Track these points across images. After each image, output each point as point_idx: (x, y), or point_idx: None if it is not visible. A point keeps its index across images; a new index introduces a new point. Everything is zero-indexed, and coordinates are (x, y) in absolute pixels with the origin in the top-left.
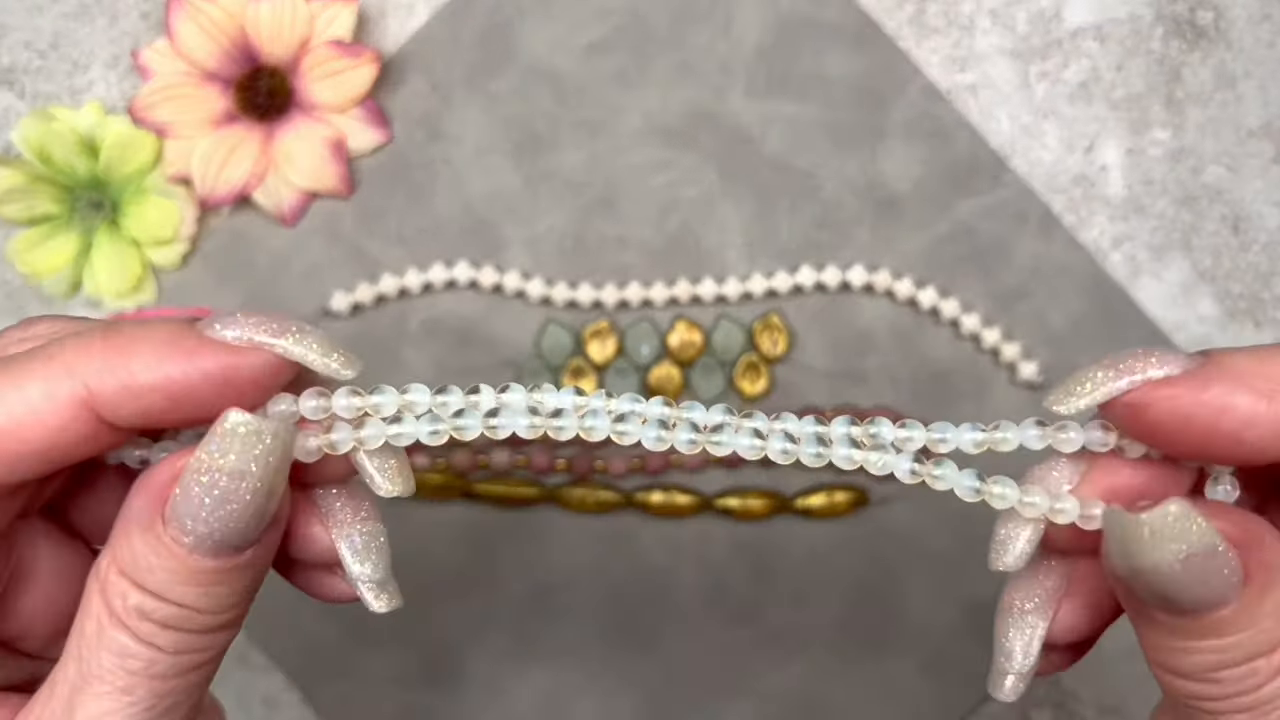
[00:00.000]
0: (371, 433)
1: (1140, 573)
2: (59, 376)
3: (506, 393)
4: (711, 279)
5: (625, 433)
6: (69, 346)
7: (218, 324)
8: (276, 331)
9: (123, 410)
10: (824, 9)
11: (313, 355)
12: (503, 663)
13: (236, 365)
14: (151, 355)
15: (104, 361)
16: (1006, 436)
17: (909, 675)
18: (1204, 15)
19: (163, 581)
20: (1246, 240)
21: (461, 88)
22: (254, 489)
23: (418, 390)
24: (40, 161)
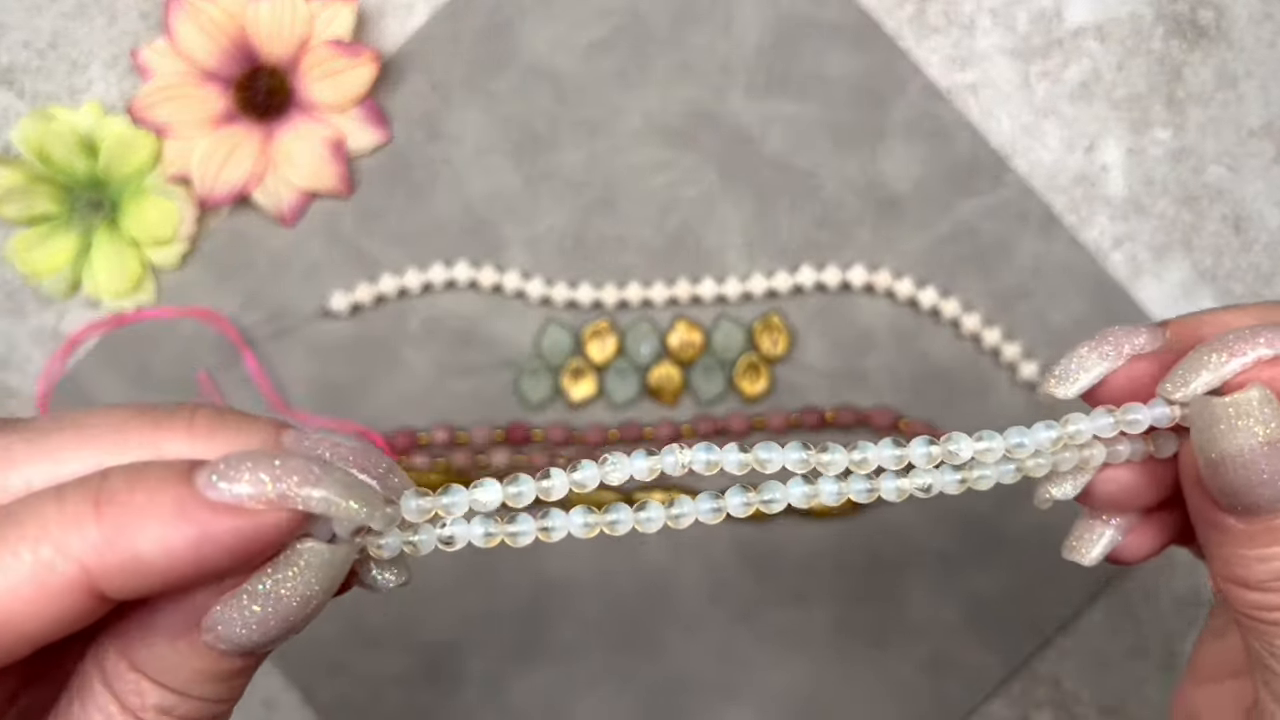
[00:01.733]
0: (425, 539)
1: (1221, 460)
2: (50, 560)
3: (579, 472)
4: (711, 279)
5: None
6: (54, 522)
7: (222, 480)
8: (294, 481)
9: (127, 588)
10: (824, 9)
11: (335, 508)
12: (503, 663)
13: (256, 530)
14: (157, 529)
15: (100, 539)
16: (1080, 429)
17: (909, 675)
18: (1205, 15)
19: (187, 680)
20: (1247, 240)
21: (461, 87)
22: (316, 607)
23: (488, 486)
24: (39, 161)
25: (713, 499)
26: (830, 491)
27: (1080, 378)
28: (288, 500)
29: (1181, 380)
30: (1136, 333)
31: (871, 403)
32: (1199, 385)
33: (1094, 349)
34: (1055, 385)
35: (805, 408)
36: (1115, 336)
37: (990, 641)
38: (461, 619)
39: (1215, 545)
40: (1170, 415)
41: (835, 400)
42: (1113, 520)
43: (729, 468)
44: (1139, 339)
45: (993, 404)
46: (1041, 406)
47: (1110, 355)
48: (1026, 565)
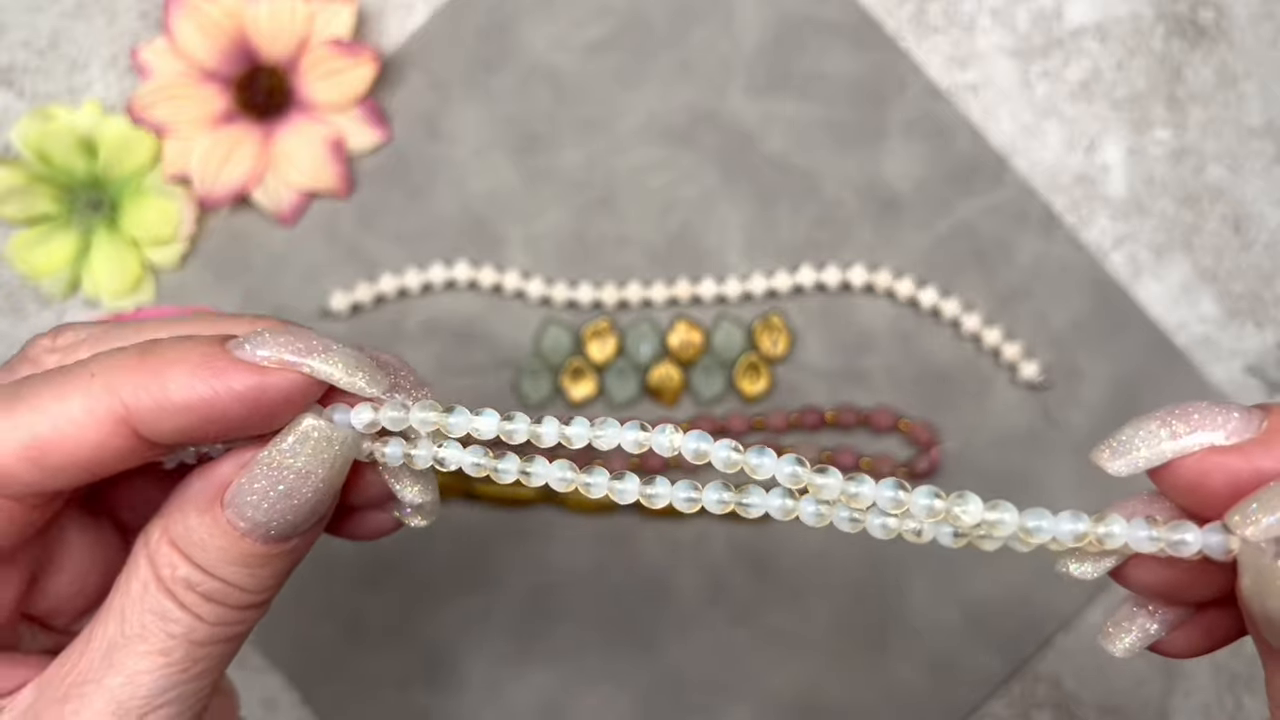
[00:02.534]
0: (420, 453)
1: (1272, 620)
2: (99, 393)
3: (571, 426)
4: (711, 279)
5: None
6: (107, 364)
7: (248, 344)
8: (304, 351)
9: (159, 427)
10: (824, 8)
11: (338, 374)
12: (502, 663)
13: (265, 385)
14: (185, 375)
15: (140, 380)
16: (1113, 531)
17: (909, 675)
18: (1205, 14)
19: (213, 559)
20: (1248, 240)
21: (461, 86)
22: (316, 489)
23: (487, 416)
24: (39, 161)
25: (690, 488)
26: (810, 513)
27: (1138, 458)
28: (299, 365)
29: (1253, 517)
30: (1225, 415)
31: (871, 403)
32: (1269, 529)
33: (1165, 423)
34: (1108, 458)
35: (805, 408)
36: (1196, 416)
37: (990, 641)
38: (461, 619)
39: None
40: (1226, 547)
41: (835, 400)
42: (1159, 613)
43: (716, 463)
44: (1225, 425)
45: (993, 404)
46: (1040, 409)
47: (1182, 436)
48: (1026, 565)
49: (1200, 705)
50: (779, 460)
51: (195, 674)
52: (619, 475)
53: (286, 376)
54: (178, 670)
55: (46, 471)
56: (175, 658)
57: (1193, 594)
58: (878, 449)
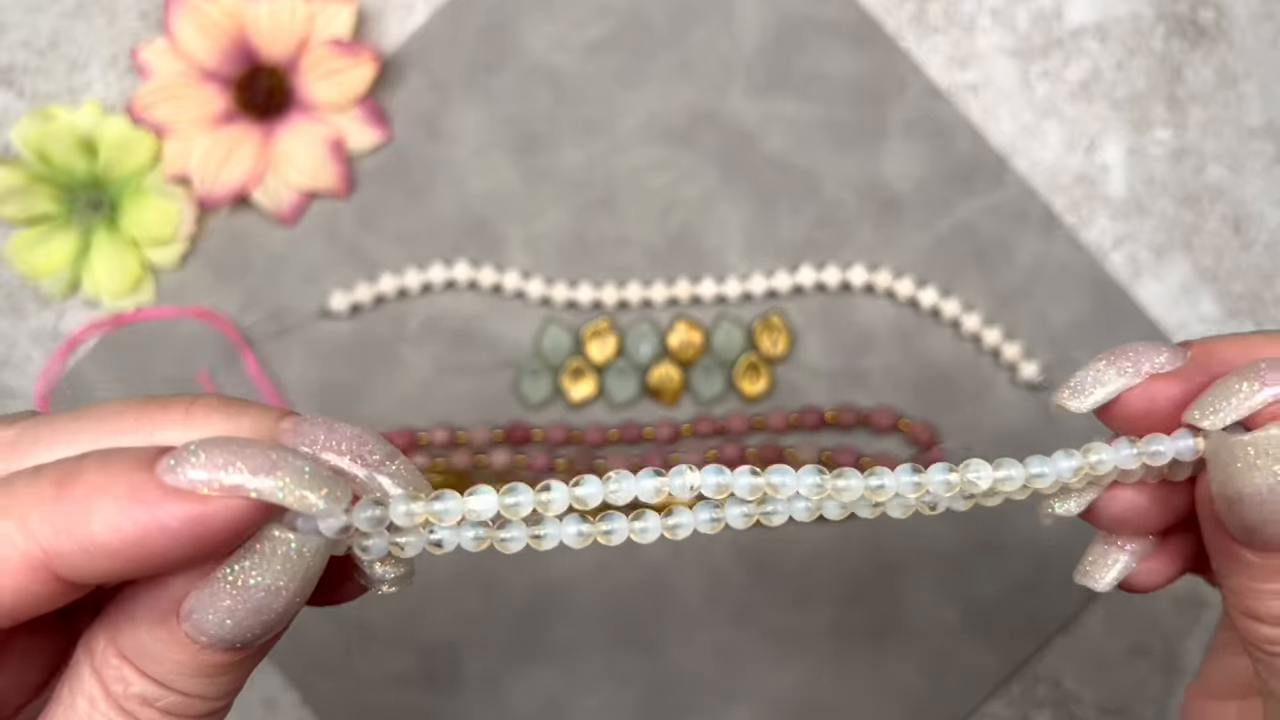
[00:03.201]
0: (410, 540)
1: (1239, 498)
2: (10, 533)
3: (581, 487)
4: (711, 279)
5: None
6: (19, 496)
7: (180, 466)
8: (246, 469)
9: (83, 571)
10: (824, 8)
11: (289, 497)
12: (503, 663)
13: (204, 517)
14: (110, 511)
15: (59, 520)
16: (1102, 459)
17: (909, 675)
18: (1205, 14)
19: (169, 672)
20: (1248, 240)
21: (461, 86)
22: (287, 602)
23: (483, 495)
24: (39, 161)
25: (711, 509)
26: (833, 508)
27: (1095, 392)
28: (239, 489)
29: (1210, 408)
30: (1157, 351)
31: (871, 403)
32: (1228, 415)
33: (1112, 363)
34: (1069, 398)
35: (805, 408)
36: (1135, 352)
37: (990, 641)
38: (461, 619)
39: (1229, 577)
40: (1195, 448)
41: (835, 400)
42: (1128, 545)
43: (739, 492)
44: (1159, 357)
45: (993, 404)
46: (1045, 413)
47: (1128, 371)
48: (1026, 565)
49: None
50: (799, 475)
51: None
52: (638, 515)
53: (228, 504)
54: None
55: None
56: None
57: (1158, 518)
58: (878, 449)
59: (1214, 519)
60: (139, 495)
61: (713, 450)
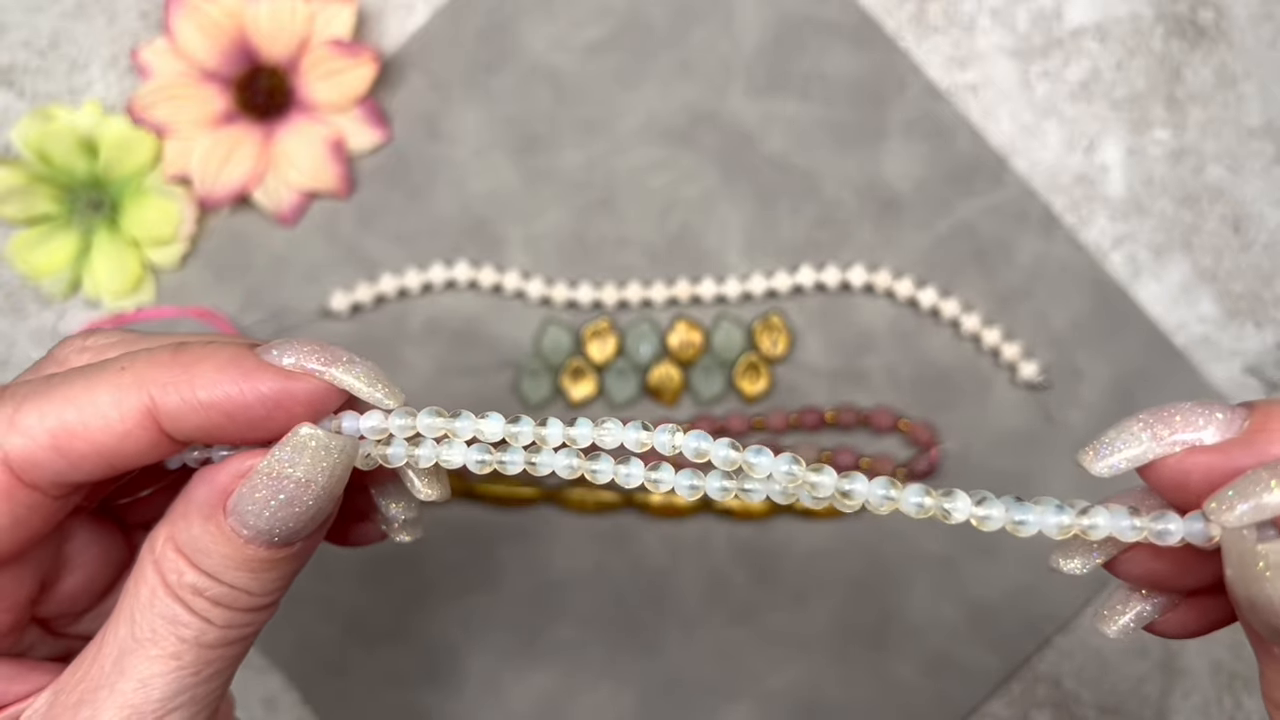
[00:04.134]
0: (424, 453)
1: (1256, 605)
2: (129, 387)
3: (575, 427)
4: (711, 279)
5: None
6: (140, 360)
7: (275, 349)
8: (327, 360)
9: (183, 423)
10: (824, 8)
11: (359, 385)
12: (503, 663)
13: (290, 389)
14: (213, 375)
15: (170, 377)
16: (1097, 523)
17: (909, 675)
18: (1205, 15)
19: (218, 564)
20: (1247, 240)
21: (461, 87)
22: (317, 496)
23: (493, 419)
24: (39, 161)
25: (693, 476)
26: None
27: (1120, 460)
28: (322, 374)
29: (1228, 504)
30: (1208, 416)
31: (871, 403)
32: (1244, 516)
33: (1147, 426)
34: (1091, 460)
35: (805, 408)
36: (1179, 419)
37: (990, 641)
38: (461, 619)
39: (1262, 665)
40: (1207, 535)
41: (835, 400)
42: (1150, 595)
43: (716, 461)
44: (1207, 426)
45: (992, 404)
46: (1040, 409)
47: (1164, 439)
48: (1026, 565)
49: (1199, 705)
50: (776, 459)
51: (207, 676)
52: (624, 460)
53: (310, 382)
54: (189, 673)
55: (71, 461)
56: (186, 661)
57: (1183, 582)
58: (878, 449)
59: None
60: (239, 364)
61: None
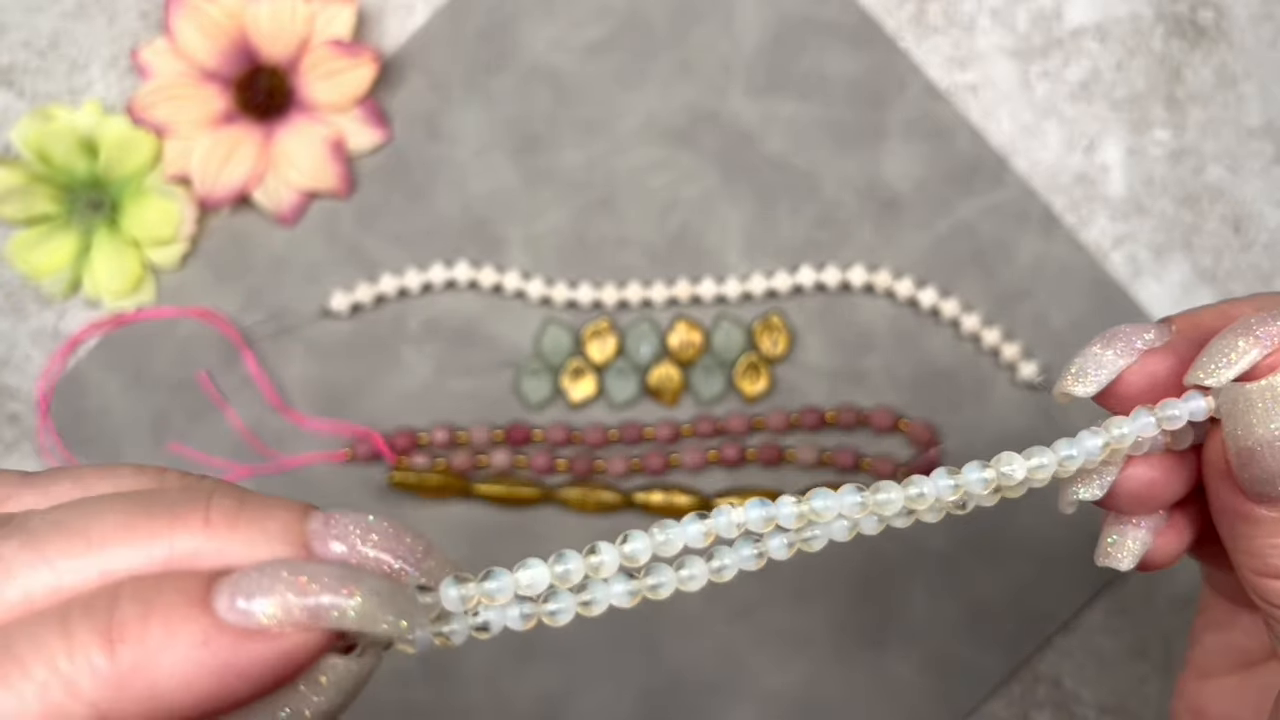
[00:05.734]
0: (457, 629)
1: (1257, 447)
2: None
3: (629, 544)
4: (711, 279)
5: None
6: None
7: (240, 596)
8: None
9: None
10: (824, 8)
11: (365, 622)
12: (503, 662)
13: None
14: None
15: (114, 679)
16: (1124, 431)
17: (909, 675)
18: (1205, 15)
19: None
20: (1247, 240)
21: (461, 87)
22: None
23: (533, 568)
24: (39, 161)
25: (752, 543)
26: (871, 524)
27: (1099, 374)
28: (318, 619)
29: (1211, 367)
30: (1144, 329)
31: (871, 403)
32: (1232, 369)
33: (1107, 345)
34: (1074, 384)
35: (805, 408)
36: (1125, 333)
37: (990, 641)
38: None
39: (1244, 539)
40: (1206, 407)
41: (835, 400)
42: (1142, 523)
43: (784, 522)
44: (1148, 334)
45: (992, 404)
46: (1040, 408)
47: (1124, 351)
48: (1026, 565)
49: None
50: (839, 496)
51: None
52: (681, 564)
53: (306, 639)
54: None
55: None
56: None
57: (1170, 490)
58: (878, 449)
59: (1225, 479)
60: (206, 642)
61: (713, 450)
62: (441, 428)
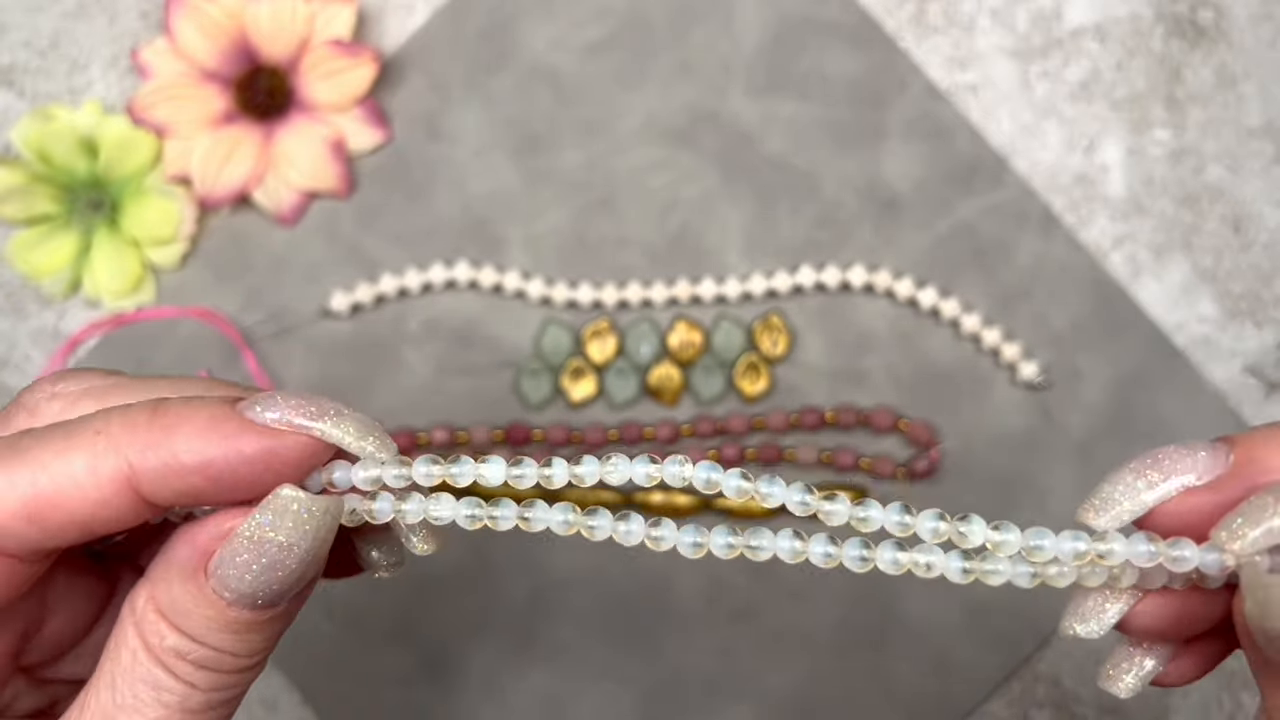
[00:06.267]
0: (412, 508)
1: (1272, 633)
2: (104, 452)
3: (581, 465)
4: (711, 279)
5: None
6: (115, 422)
7: (258, 405)
8: (314, 414)
9: (164, 489)
10: (824, 8)
11: (349, 439)
12: (502, 663)
13: (275, 448)
14: (194, 437)
15: (148, 440)
16: (1114, 549)
17: (909, 675)
18: (1205, 15)
19: (200, 627)
20: (1247, 240)
21: (461, 87)
22: (300, 559)
23: (494, 464)
24: (40, 161)
25: (696, 533)
26: (819, 554)
27: (1121, 510)
28: (309, 429)
29: (1239, 531)
30: (1193, 456)
31: (871, 403)
32: (1258, 541)
33: (1140, 475)
34: (1092, 515)
35: (805, 408)
36: (1167, 461)
37: (990, 641)
38: (461, 619)
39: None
40: (1223, 563)
41: (835, 400)
42: (1152, 649)
43: (728, 492)
44: (1195, 467)
45: (992, 404)
46: (1040, 408)
47: (1158, 484)
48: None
49: (1200, 704)
50: (788, 489)
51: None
52: (622, 516)
53: (297, 440)
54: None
55: (45, 530)
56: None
57: (1192, 628)
58: (878, 449)
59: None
60: (221, 425)
61: (713, 450)
62: (441, 428)
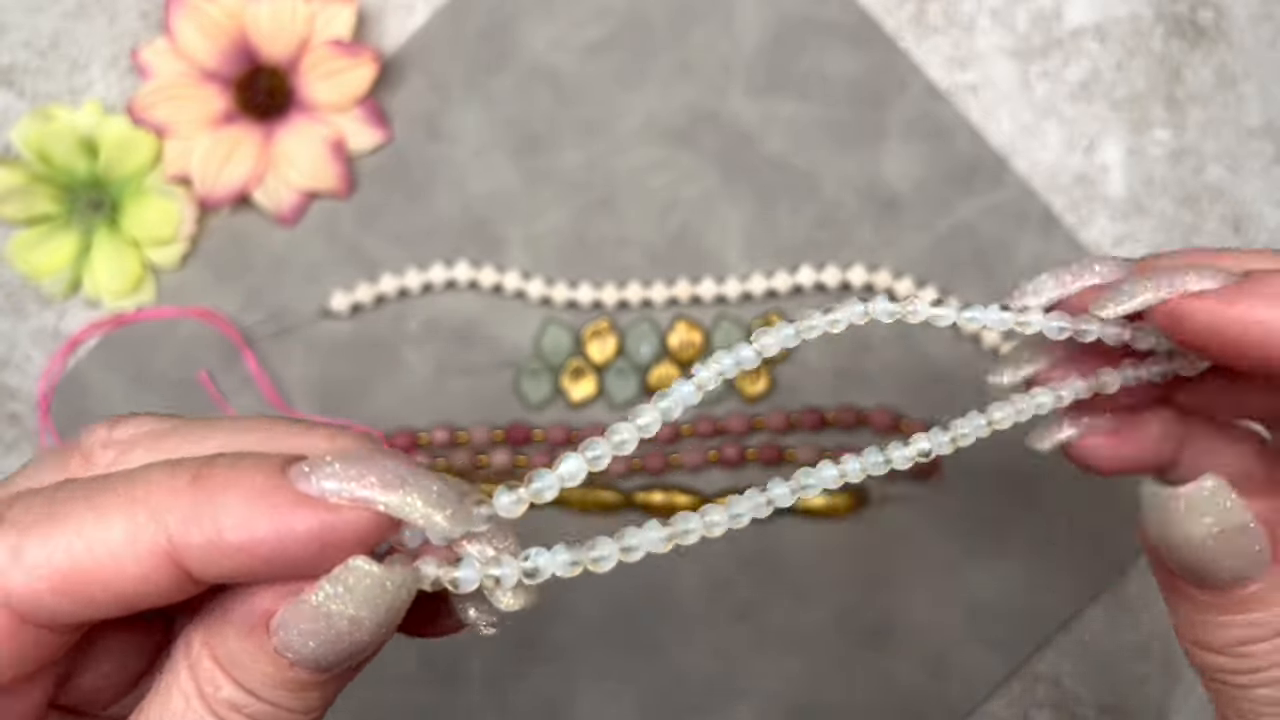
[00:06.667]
0: (505, 572)
1: (1173, 545)
2: (144, 522)
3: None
4: (711, 279)
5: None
6: (156, 486)
7: (314, 474)
8: (378, 485)
9: (209, 568)
10: (824, 8)
11: (416, 513)
12: (503, 662)
13: (334, 525)
14: (241, 511)
15: (190, 514)
16: (1030, 320)
17: (909, 675)
18: (1205, 15)
19: (258, 681)
20: (1247, 240)
21: (461, 87)
22: (371, 633)
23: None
24: (40, 161)
25: (760, 493)
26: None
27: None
28: (369, 501)
29: (1110, 302)
30: (1104, 263)
31: (871, 403)
32: (1122, 308)
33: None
34: (1019, 297)
35: (805, 408)
36: (1081, 263)
37: (990, 641)
38: None
39: (1177, 609)
40: (1120, 334)
41: (835, 400)
42: (1082, 419)
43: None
44: (1100, 273)
45: None
46: None
47: (1067, 281)
48: (1026, 565)
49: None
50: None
51: None
52: (705, 511)
53: (359, 515)
54: None
55: (78, 603)
56: None
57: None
58: None
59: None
60: (271, 498)
61: (713, 450)
62: (441, 428)
